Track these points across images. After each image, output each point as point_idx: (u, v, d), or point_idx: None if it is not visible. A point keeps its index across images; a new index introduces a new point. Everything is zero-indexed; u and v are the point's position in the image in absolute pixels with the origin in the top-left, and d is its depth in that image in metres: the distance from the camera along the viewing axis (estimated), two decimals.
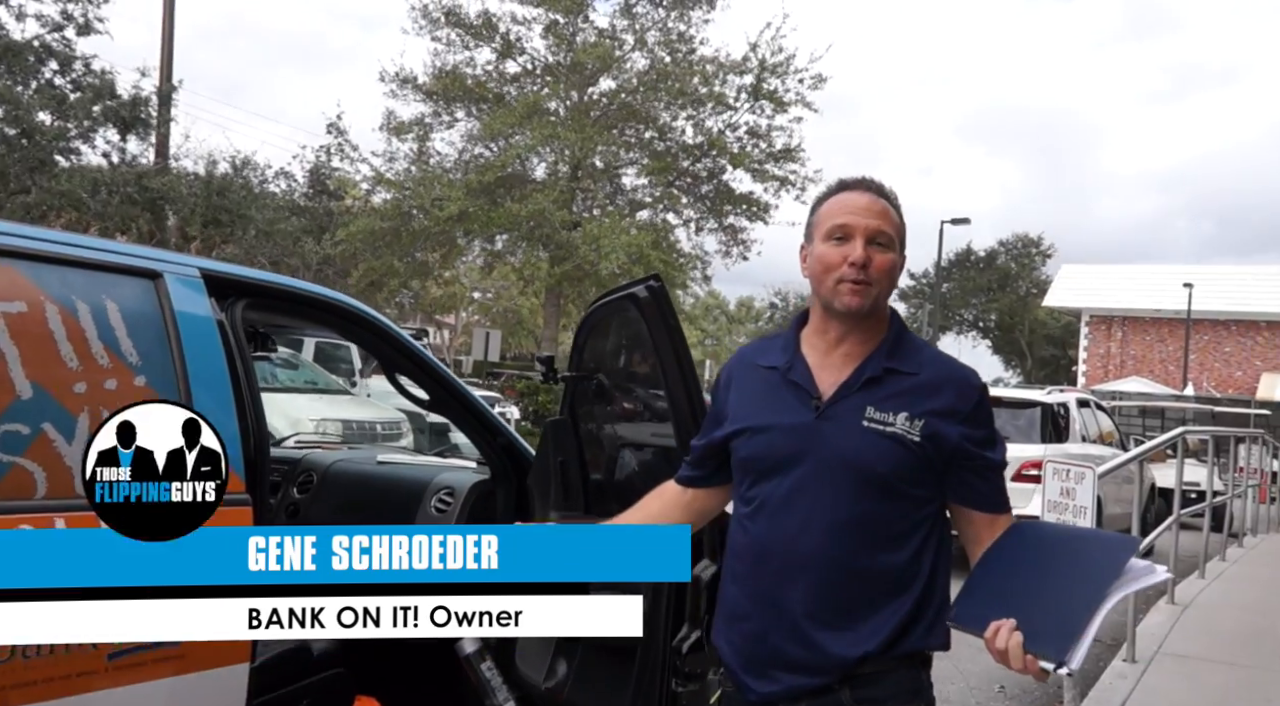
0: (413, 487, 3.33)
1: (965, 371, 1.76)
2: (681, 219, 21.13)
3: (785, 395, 1.74)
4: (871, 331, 1.75)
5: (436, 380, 3.09)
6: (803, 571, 1.67)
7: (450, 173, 20.19)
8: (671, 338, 2.43)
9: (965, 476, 1.70)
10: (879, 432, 1.66)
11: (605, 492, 3.09)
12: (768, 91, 19.39)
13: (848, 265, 1.68)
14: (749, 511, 1.76)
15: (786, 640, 1.68)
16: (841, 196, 1.75)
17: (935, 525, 1.72)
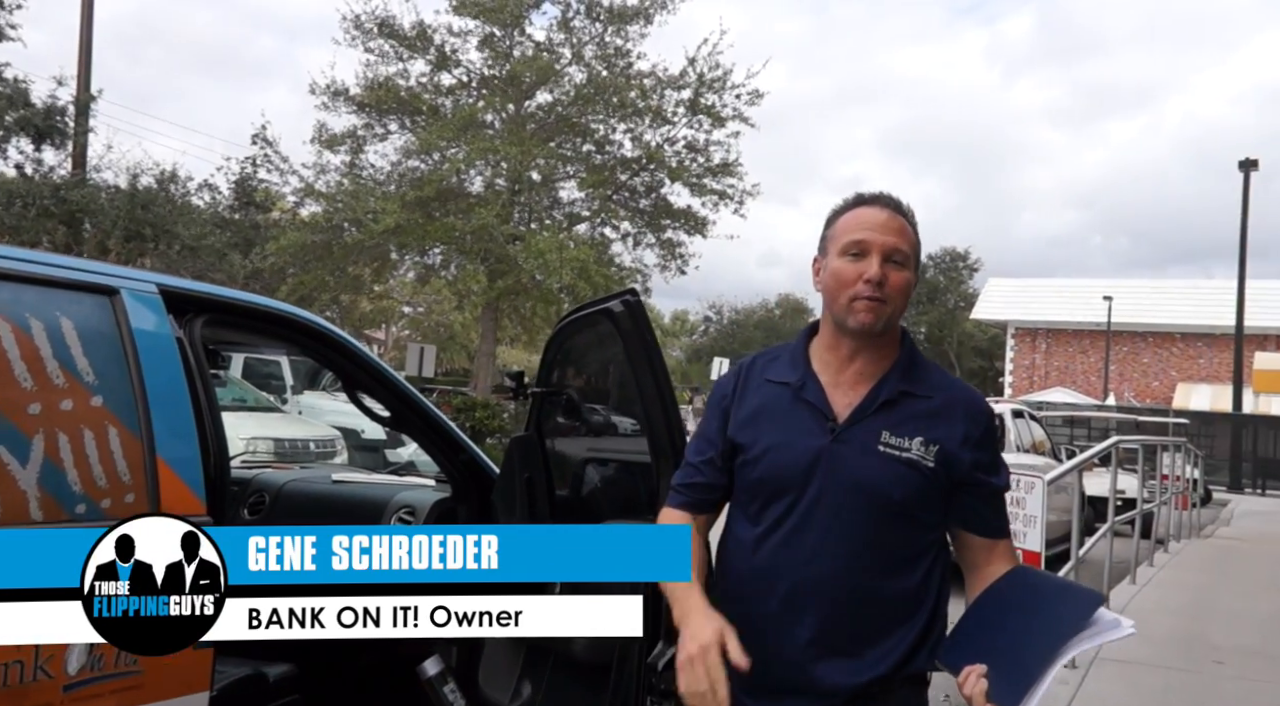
0: (372, 507, 3.25)
1: (974, 395, 1.77)
2: (620, 233, 21.15)
3: (799, 414, 1.71)
4: (884, 350, 1.73)
5: (399, 397, 3.04)
6: (813, 597, 1.65)
7: (384, 186, 19.91)
8: (648, 353, 2.41)
9: (969, 501, 1.71)
10: (895, 458, 1.65)
11: (572, 509, 3.06)
12: (705, 106, 19.53)
13: (863, 282, 1.65)
14: (759, 533, 1.71)
15: (790, 667, 1.66)
16: (859, 211, 1.72)
17: (941, 548, 1.73)
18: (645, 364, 2.42)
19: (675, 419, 2.42)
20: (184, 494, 2.22)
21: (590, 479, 3.07)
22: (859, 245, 1.67)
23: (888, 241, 1.66)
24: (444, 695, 3.02)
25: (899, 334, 1.76)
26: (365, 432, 13.17)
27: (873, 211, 1.70)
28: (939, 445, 1.65)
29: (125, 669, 2.00)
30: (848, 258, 1.68)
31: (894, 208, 1.72)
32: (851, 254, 1.67)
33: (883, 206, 1.71)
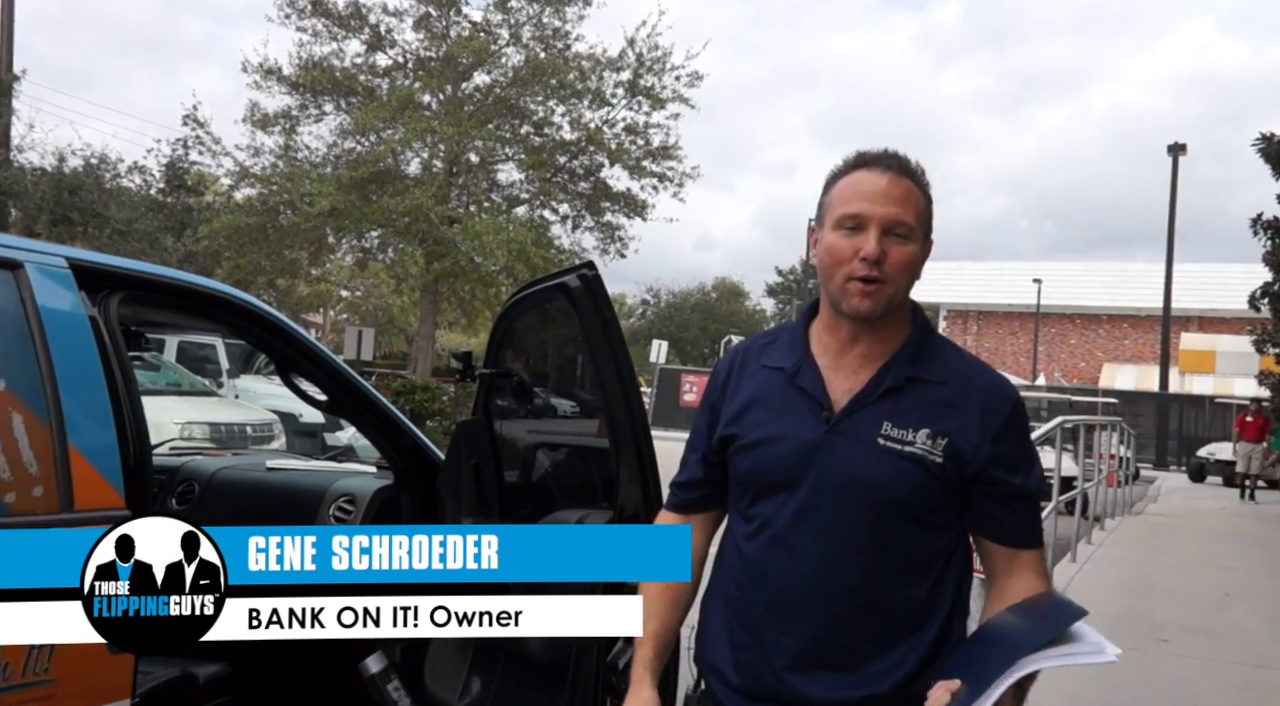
0: (309, 495, 3.07)
1: (997, 380, 1.56)
2: (559, 215, 20.92)
3: (793, 403, 1.54)
4: (890, 330, 1.54)
5: (336, 379, 2.86)
6: (803, 604, 1.49)
7: (320, 167, 19.43)
8: (606, 331, 2.27)
9: (984, 503, 1.51)
10: (896, 452, 1.47)
11: (521, 496, 2.92)
12: (645, 88, 19.33)
13: (859, 261, 1.47)
14: (749, 531, 1.57)
15: (778, 677, 1.51)
16: (857, 176, 1.52)
17: (955, 554, 1.54)
18: (604, 343, 2.27)
19: (636, 401, 2.29)
20: (99, 485, 2.04)
21: (542, 464, 2.93)
22: (855, 218, 1.48)
23: (888, 213, 1.47)
24: (388, 693, 2.86)
25: (909, 310, 1.57)
26: (303, 416, 12.84)
27: (872, 176, 1.50)
28: (948, 437, 1.46)
29: (36, 678, 1.82)
30: (843, 231, 1.49)
31: (898, 169, 1.51)
32: (847, 227, 1.49)
33: (884, 170, 1.51)
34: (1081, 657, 1.31)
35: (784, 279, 52.90)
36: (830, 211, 1.52)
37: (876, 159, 1.53)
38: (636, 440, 2.28)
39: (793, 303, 48.09)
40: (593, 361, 2.30)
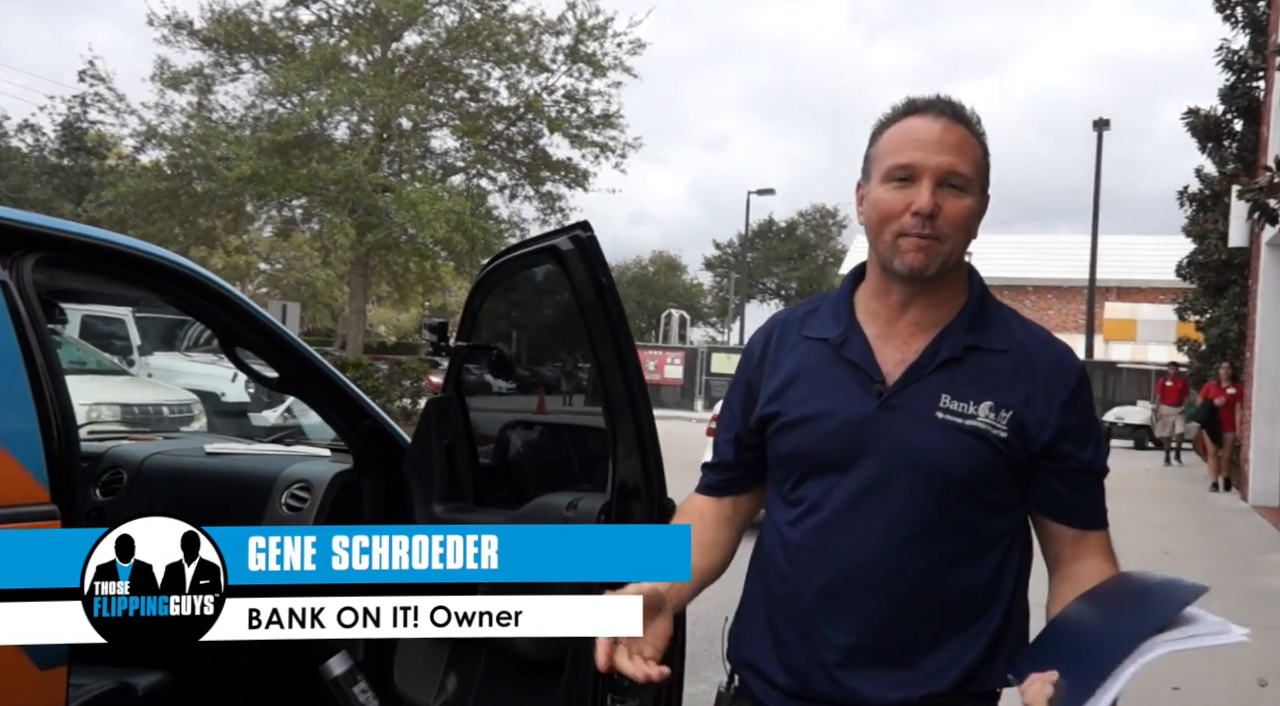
0: (257, 483, 2.77)
1: (1061, 348, 1.44)
2: (497, 185, 20.41)
3: (840, 376, 1.41)
4: (944, 294, 1.41)
5: (289, 354, 2.55)
6: (857, 594, 1.37)
7: (237, 130, 18.58)
8: (603, 298, 2.03)
9: (1051, 481, 1.39)
10: (957, 426, 1.35)
11: (497, 479, 2.67)
12: (585, 54, 18.88)
13: (910, 215, 1.34)
14: (793, 516, 1.44)
15: (828, 676, 1.39)
16: (908, 123, 1.38)
17: (1018, 536, 1.43)
18: (600, 312, 2.03)
19: (636, 374, 2.06)
20: (18, 476, 1.77)
21: (522, 444, 2.68)
22: (906, 168, 1.35)
23: (942, 162, 1.34)
24: (353, 696, 2.60)
25: (965, 273, 1.44)
26: (225, 396, 12.28)
27: (924, 123, 1.37)
28: (1013, 411, 1.35)
29: None
30: (893, 184, 1.36)
31: (953, 116, 1.38)
32: (897, 179, 1.36)
33: (937, 115, 1.37)
34: (1208, 639, 1.20)
35: (721, 252, 53.14)
36: (878, 163, 1.39)
37: (929, 104, 1.40)
38: (636, 416, 2.06)
39: (730, 276, 48.25)
40: (587, 331, 2.06)
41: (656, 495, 2.10)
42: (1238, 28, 10.80)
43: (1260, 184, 5.88)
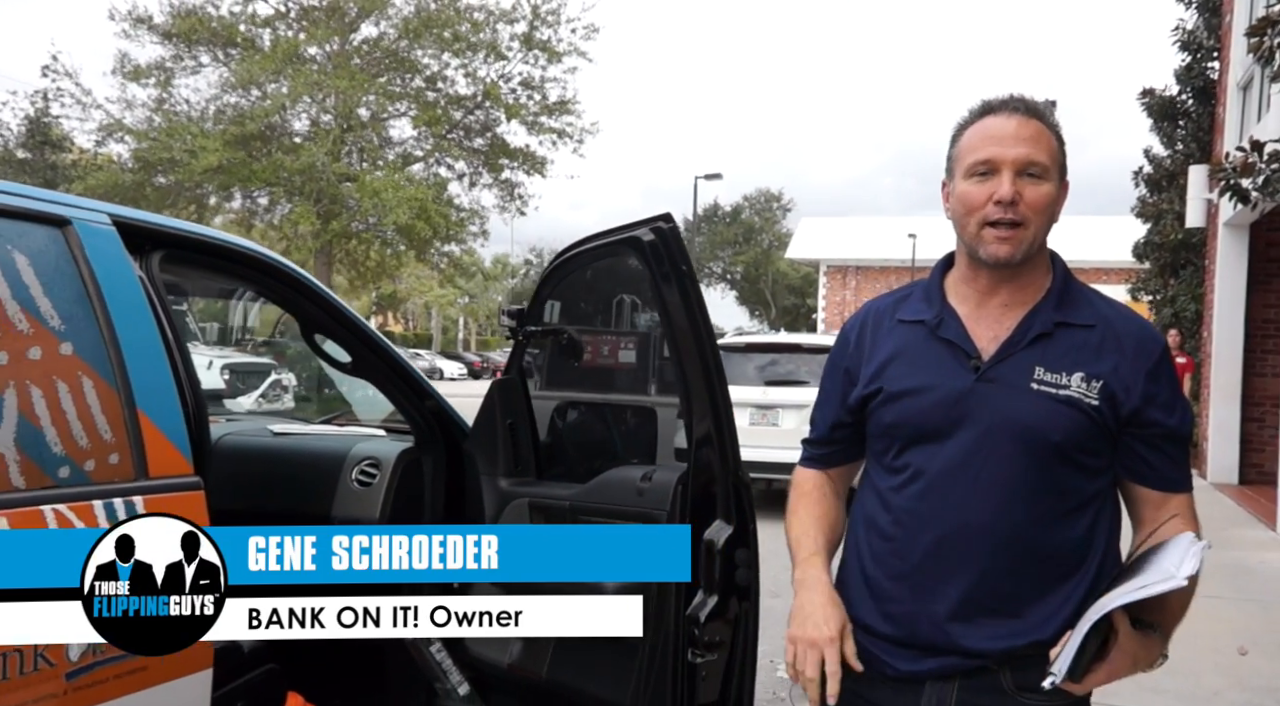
0: (328, 460, 2.97)
1: (1143, 323, 1.53)
2: (455, 173, 20.42)
3: (938, 353, 1.51)
4: (1031, 276, 1.51)
5: (362, 339, 2.76)
6: (966, 551, 1.47)
7: (200, 122, 18.41)
8: (685, 288, 2.18)
9: (1137, 446, 1.48)
10: (1051, 396, 1.45)
11: (556, 456, 2.89)
12: (540, 40, 18.97)
13: (993, 204, 1.44)
14: (897, 483, 1.54)
15: (939, 627, 1.48)
16: (985, 123, 1.49)
17: (1109, 498, 1.52)
18: (681, 300, 2.18)
19: (715, 359, 2.21)
20: (170, 452, 1.93)
21: (583, 424, 2.90)
22: (986, 163, 1.46)
23: (1020, 153, 1.44)
24: (430, 655, 2.82)
25: (1049, 257, 1.54)
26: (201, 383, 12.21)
27: (1000, 121, 1.48)
28: (1103, 380, 1.45)
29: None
30: (975, 178, 1.47)
31: (1026, 111, 1.48)
32: (979, 174, 1.47)
33: (1012, 112, 1.48)
34: (1153, 588, 1.27)
35: None
36: (960, 161, 1.51)
37: (1002, 104, 1.51)
38: (713, 397, 2.21)
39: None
40: (667, 316, 2.21)
41: (731, 469, 2.23)
42: (1192, 8, 11.14)
43: (1233, 164, 6.10)
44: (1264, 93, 8.49)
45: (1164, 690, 3.93)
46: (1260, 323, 9.59)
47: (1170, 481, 1.50)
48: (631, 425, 3.08)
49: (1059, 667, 1.32)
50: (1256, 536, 7.47)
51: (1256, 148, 5.95)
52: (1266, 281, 9.49)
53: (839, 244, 40.45)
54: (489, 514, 2.74)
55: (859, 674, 1.51)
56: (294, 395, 12.88)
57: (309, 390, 11.38)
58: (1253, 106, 9.07)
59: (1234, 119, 9.51)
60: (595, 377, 3.03)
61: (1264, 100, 8.48)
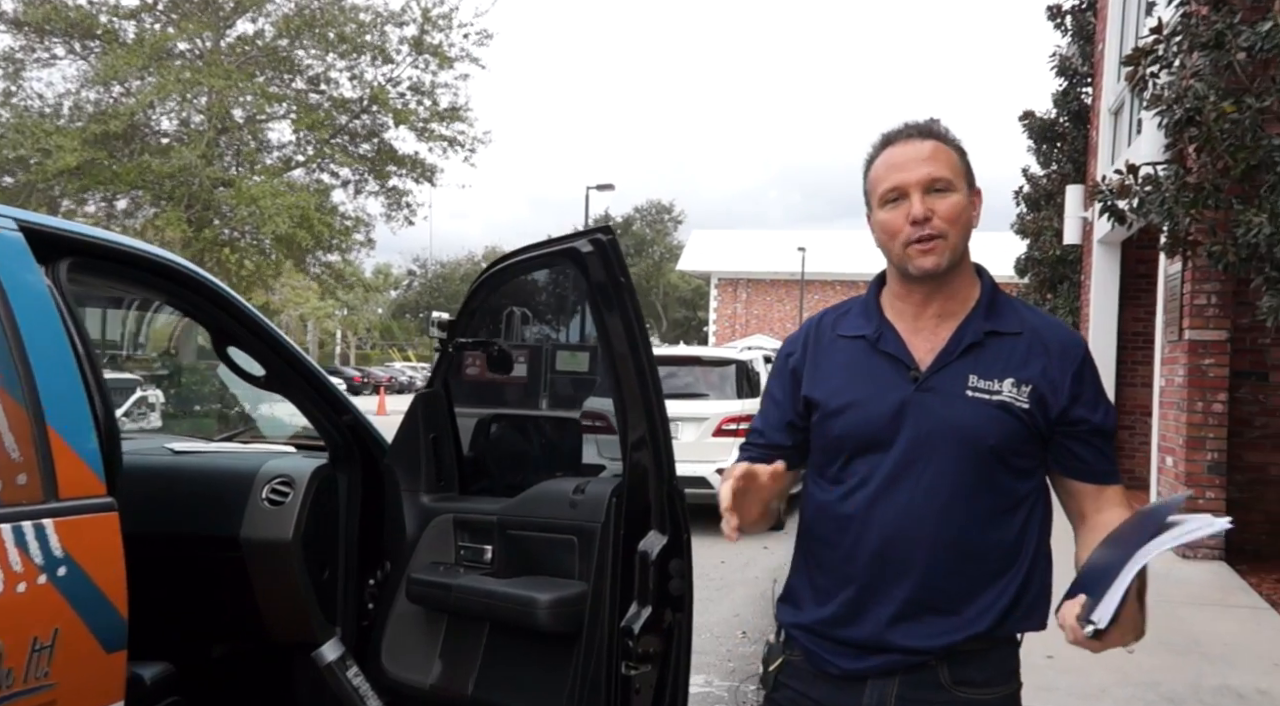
0: (236, 479, 2.80)
1: (1066, 329, 1.65)
2: (339, 180, 19.82)
3: (879, 366, 1.60)
4: (959, 287, 1.61)
5: (278, 352, 2.62)
6: (909, 554, 1.55)
7: (52, 119, 17.32)
8: (623, 300, 2.18)
9: (1068, 444, 1.59)
10: (985, 402, 1.54)
11: (482, 469, 2.82)
12: (431, 45, 18.63)
13: (910, 225, 1.54)
14: (842, 492, 1.61)
15: (884, 626, 1.57)
16: (887, 154, 1.60)
17: (1039, 498, 1.61)
18: (618, 310, 2.18)
19: (651, 370, 2.21)
20: (82, 471, 1.81)
21: (504, 438, 2.83)
22: (895, 190, 1.56)
23: (922, 174, 1.54)
24: (347, 681, 2.69)
25: (975, 270, 1.65)
26: None
27: (899, 149, 1.59)
28: (1032, 384, 1.55)
29: (38, 683, 1.65)
30: (889, 206, 1.58)
31: (921, 134, 1.59)
32: (891, 200, 1.57)
33: (908, 138, 1.59)
34: (1192, 533, 1.34)
35: None
36: (874, 193, 1.60)
37: (898, 133, 1.62)
38: (649, 407, 2.21)
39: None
40: (604, 326, 2.20)
41: (666, 479, 2.22)
42: (1068, 36, 11.79)
43: (1110, 186, 6.47)
44: (1134, 117, 9.01)
45: (1055, 687, 4.10)
46: (1131, 335, 10.19)
47: (1102, 474, 1.61)
48: (556, 438, 3.04)
49: (1101, 616, 1.35)
50: None
51: (1132, 171, 6.31)
52: (1136, 296, 10.10)
53: (730, 256, 41.15)
54: (409, 532, 2.64)
55: (804, 672, 1.63)
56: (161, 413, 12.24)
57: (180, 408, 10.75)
58: (1124, 130, 9.64)
59: (1106, 142, 10.08)
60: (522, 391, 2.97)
61: (1134, 124, 9.01)
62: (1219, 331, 6.75)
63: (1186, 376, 6.86)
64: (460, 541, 2.59)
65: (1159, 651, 4.66)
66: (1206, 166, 5.85)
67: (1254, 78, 5.63)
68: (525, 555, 2.46)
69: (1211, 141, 5.63)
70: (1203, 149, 5.75)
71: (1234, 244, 5.64)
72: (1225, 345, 6.76)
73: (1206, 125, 5.61)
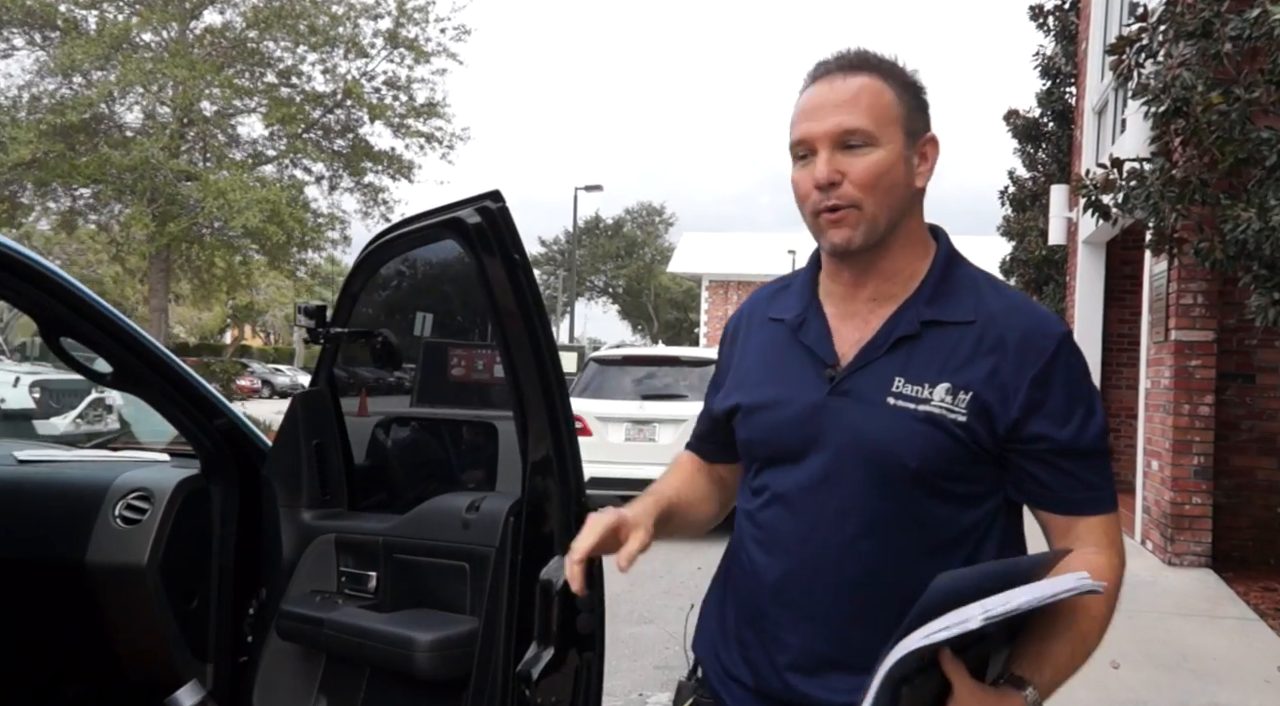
0: (84, 493, 2.43)
1: (1039, 314, 1.26)
2: (313, 176, 19.40)
3: (797, 360, 1.30)
4: (900, 263, 1.27)
5: (126, 345, 2.23)
6: (808, 594, 1.26)
7: (10, 111, 16.88)
8: (518, 280, 1.79)
9: (1025, 465, 1.22)
10: (908, 413, 1.20)
11: (375, 481, 2.42)
12: (407, 39, 18.23)
13: (816, 191, 1.22)
14: (757, 505, 1.33)
15: (781, 678, 1.28)
16: (806, 95, 1.26)
17: (991, 531, 1.26)
18: (512, 294, 1.79)
19: (554, 365, 1.83)
20: None
21: (406, 443, 2.42)
22: (803, 143, 1.24)
23: (831, 126, 1.21)
24: None
25: (926, 237, 1.30)
26: (5, 402, 11.05)
27: (818, 89, 1.25)
28: (972, 391, 1.19)
29: None
30: (799, 163, 1.26)
31: (849, 67, 1.24)
32: (800, 156, 1.25)
33: (830, 75, 1.24)
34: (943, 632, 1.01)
35: (547, 249, 52.56)
36: (790, 145, 1.28)
37: (824, 65, 1.27)
38: (551, 408, 1.84)
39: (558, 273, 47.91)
40: (496, 315, 1.82)
41: (573, 495, 1.85)
42: (1050, 35, 11.57)
43: (1095, 181, 6.16)
44: (1118, 116, 8.73)
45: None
46: (1116, 337, 9.94)
47: (1072, 503, 1.23)
48: (469, 444, 2.66)
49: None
50: None
51: (1116, 165, 6.05)
52: (1121, 297, 9.85)
53: (720, 259, 40.97)
54: (287, 553, 2.25)
55: None
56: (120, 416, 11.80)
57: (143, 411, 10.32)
58: (1107, 129, 9.38)
59: (1090, 141, 9.82)
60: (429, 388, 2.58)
61: (1118, 124, 8.73)
62: (1206, 332, 6.48)
63: (1173, 378, 6.61)
64: (343, 566, 2.21)
65: (1145, 666, 4.41)
66: (1193, 160, 5.57)
67: (1242, 68, 5.37)
68: (414, 584, 2.08)
69: (1199, 134, 5.35)
70: (1189, 142, 5.47)
71: (1221, 240, 5.35)
72: (1212, 346, 6.50)
73: (1194, 117, 5.32)
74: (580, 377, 8.66)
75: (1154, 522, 7.06)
